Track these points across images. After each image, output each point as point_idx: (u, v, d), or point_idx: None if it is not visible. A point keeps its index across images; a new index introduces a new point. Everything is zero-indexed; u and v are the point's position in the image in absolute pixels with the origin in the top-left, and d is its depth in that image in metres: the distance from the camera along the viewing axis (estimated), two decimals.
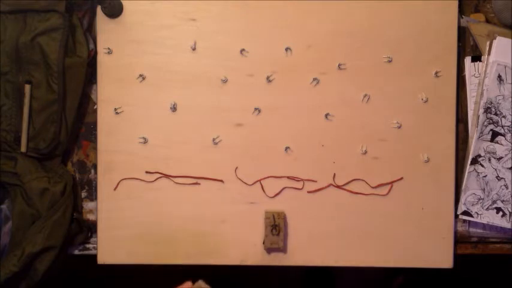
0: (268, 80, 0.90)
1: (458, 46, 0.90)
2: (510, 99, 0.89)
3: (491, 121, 0.89)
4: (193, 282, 0.81)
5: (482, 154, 0.89)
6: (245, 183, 0.90)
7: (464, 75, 0.91)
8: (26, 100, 0.85)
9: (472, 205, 0.89)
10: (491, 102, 0.89)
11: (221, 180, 0.90)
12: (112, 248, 0.90)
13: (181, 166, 0.90)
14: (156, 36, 0.90)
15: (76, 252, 0.91)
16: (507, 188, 0.89)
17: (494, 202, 0.89)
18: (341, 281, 1.49)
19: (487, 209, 0.89)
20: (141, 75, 0.90)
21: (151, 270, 1.02)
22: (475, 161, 0.89)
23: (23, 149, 0.86)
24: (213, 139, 0.90)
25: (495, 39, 0.89)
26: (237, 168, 0.90)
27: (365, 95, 0.90)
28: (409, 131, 0.90)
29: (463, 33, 0.91)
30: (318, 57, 0.90)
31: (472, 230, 0.92)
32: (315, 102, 0.90)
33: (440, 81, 0.90)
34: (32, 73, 0.85)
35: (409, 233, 0.90)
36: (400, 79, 0.90)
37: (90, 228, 0.91)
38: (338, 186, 0.90)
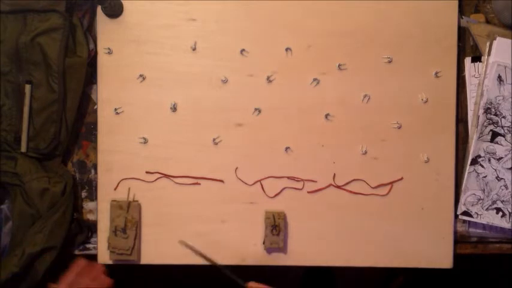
0: (269, 80, 0.90)
1: (458, 46, 0.90)
2: (510, 99, 0.89)
3: (491, 121, 0.89)
4: None
5: (482, 154, 0.89)
6: (245, 183, 0.90)
7: (464, 75, 0.91)
8: (26, 100, 0.85)
9: (472, 205, 0.89)
10: (491, 103, 0.89)
11: (221, 180, 0.90)
12: None
13: (181, 166, 0.90)
14: (156, 36, 0.90)
15: (76, 252, 0.91)
16: (507, 188, 0.89)
17: (494, 202, 0.89)
18: (341, 281, 1.49)
19: (487, 209, 0.89)
20: (141, 75, 0.90)
21: (151, 270, 1.01)
22: (475, 162, 0.89)
23: (23, 149, 0.86)
24: (213, 139, 0.90)
25: (495, 39, 0.89)
26: (237, 168, 0.90)
27: (365, 95, 0.90)
28: (409, 131, 0.90)
29: (463, 34, 0.91)
30: (318, 57, 0.90)
31: (471, 230, 0.92)
32: (315, 103, 0.90)
33: (440, 81, 0.90)
34: (32, 73, 0.85)
35: (409, 233, 0.90)
36: (400, 79, 0.90)
37: (90, 228, 0.91)
38: (338, 187, 0.90)
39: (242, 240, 0.90)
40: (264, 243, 0.89)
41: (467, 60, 0.91)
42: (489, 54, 0.89)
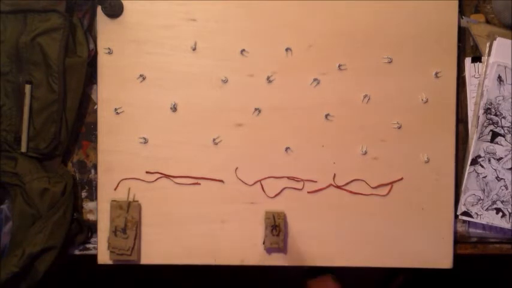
0: (269, 80, 0.90)
1: (459, 46, 0.90)
2: (510, 100, 0.89)
3: (491, 122, 0.89)
4: None
5: (482, 155, 0.89)
6: (245, 183, 0.90)
7: (464, 75, 0.91)
8: (26, 100, 0.85)
9: (472, 206, 0.89)
10: (491, 103, 0.89)
11: (221, 180, 0.90)
12: None
13: (181, 166, 0.90)
14: (156, 36, 0.90)
15: (76, 252, 0.91)
16: (507, 188, 0.89)
17: (494, 203, 0.89)
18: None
19: (487, 209, 0.89)
20: (141, 75, 0.90)
21: (151, 270, 1.02)
22: (474, 162, 0.89)
23: (23, 149, 0.86)
24: (213, 139, 0.90)
25: (495, 40, 0.89)
26: (237, 168, 0.90)
27: (365, 95, 0.90)
28: (409, 131, 0.90)
29: (463, 34, 0.91)
30: (318, 58, 0.90)
31: (471, 230, 0.92)
32: (315, 103, 0.90)
33: (440, 81, 0.90)
34: (32, 73, 0.85)
35: (409, 233, 0.90)
36: (400, 79, 0.90)
37: (90, 228, 0.91)
38: (338, 187, 0.90)
39: (242, 241, 0.90)
40: (264, 243, 0.89)
41: (467, 61, 0.91)
42: (489, 55, 0.89)
